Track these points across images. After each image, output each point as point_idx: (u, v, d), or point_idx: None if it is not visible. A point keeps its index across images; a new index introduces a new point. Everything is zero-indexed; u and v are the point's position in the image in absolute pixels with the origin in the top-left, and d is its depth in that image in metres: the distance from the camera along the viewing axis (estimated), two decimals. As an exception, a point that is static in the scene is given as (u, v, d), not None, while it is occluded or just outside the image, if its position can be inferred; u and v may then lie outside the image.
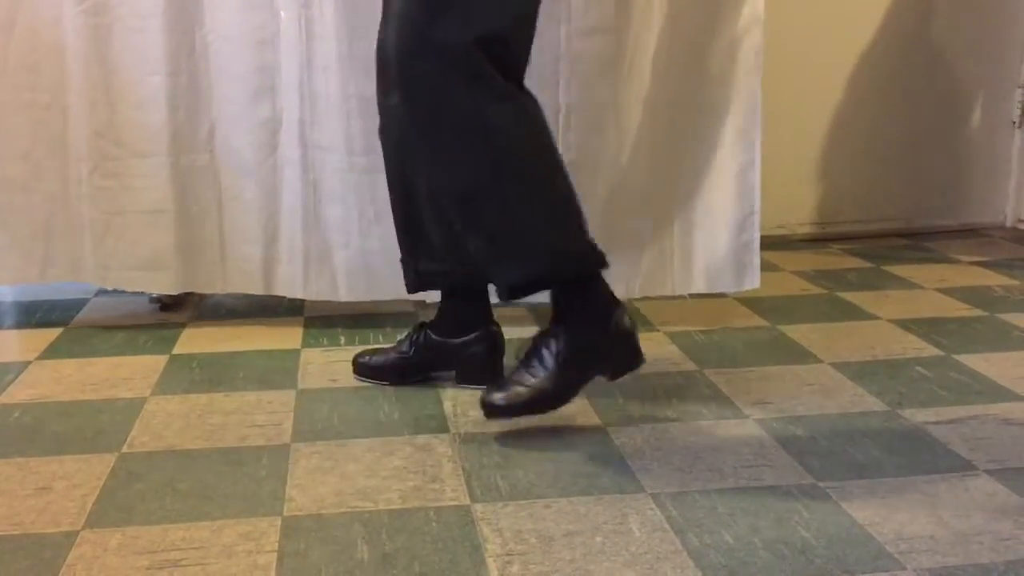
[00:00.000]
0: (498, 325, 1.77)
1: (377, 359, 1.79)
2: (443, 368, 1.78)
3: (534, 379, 1.52)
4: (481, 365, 1.74)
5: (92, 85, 1.96)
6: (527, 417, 1.54)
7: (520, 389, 1.52)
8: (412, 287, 1.77)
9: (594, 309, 1.56)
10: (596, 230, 2.01)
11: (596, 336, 1.55)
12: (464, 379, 1.76)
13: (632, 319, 1.59)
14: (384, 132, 1.69)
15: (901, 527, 1.29)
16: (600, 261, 1.54)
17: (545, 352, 1.53)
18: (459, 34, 1.41)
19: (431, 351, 1.77)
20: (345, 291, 2.07)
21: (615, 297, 1.58)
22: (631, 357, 1.59)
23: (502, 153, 1.48)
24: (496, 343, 1.76)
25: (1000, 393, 1.74)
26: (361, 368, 1.80)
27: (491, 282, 1.58)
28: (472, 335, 1.74)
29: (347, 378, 1.82)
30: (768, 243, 2.71)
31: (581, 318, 1.55)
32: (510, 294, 1.53)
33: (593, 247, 1.55)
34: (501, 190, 1.48)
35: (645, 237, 2.07)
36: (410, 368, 1.78)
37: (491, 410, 1.53)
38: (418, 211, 1.68)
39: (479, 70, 1.43)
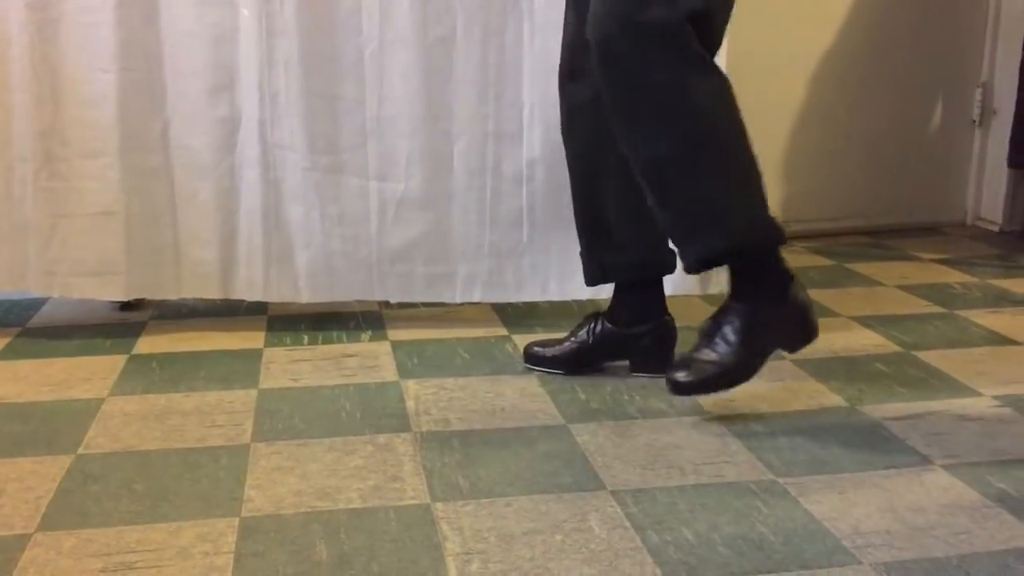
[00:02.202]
0: (671, 316, 1.80)
1: (552, 350, 1.82)
2: (618, 358, 1.81)
3: (716, 355, 1.55)
4: (655, 355, 1.77)
5: (38, 82, 1.90)
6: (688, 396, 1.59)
7: (705, 366, 1.55)
8: (593, 279, 1.80)
9: (772, 284, 1.59)
10: (561, 231, 2.04)
11: (774, 310, 1.58)
12: (638, 368, 1.80)
13: (807, 292, 1.62)
14: (569, 124, 1.73)
15: (858, 522, 1.30)
16: (780, 236, 1.57)
17: (727, 328, 1.56)
18: (669, 11, 1.44)
19: (607, 340, 1.79)
20: (307, 293, 2.04)
21: (790, 271, 1.61)
22: (809, 330, 1.62)
23: (701, 126, 1.51)
24: (670, 334, 1.80)
25: (957, 389, 1.76)
26: (534, 358, 1.83)
27: (680, 255, 1.60)
28: (647, 325, 1.78)
29: (309, 377, 1.81)
30: (732, 241, 2.73)
31: (760, 293, 1.58)
32: (698, 266, 1.57)
33: (774, 221, 1.57)
34: (697, 162, 1.51)
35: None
36: (586, 357, 1.81)
37: (677, 388, 1.56)
38: (602, 207, 1.73)
39: (686, 45, 1.47)
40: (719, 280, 2.07)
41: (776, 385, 1.77)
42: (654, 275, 1.78)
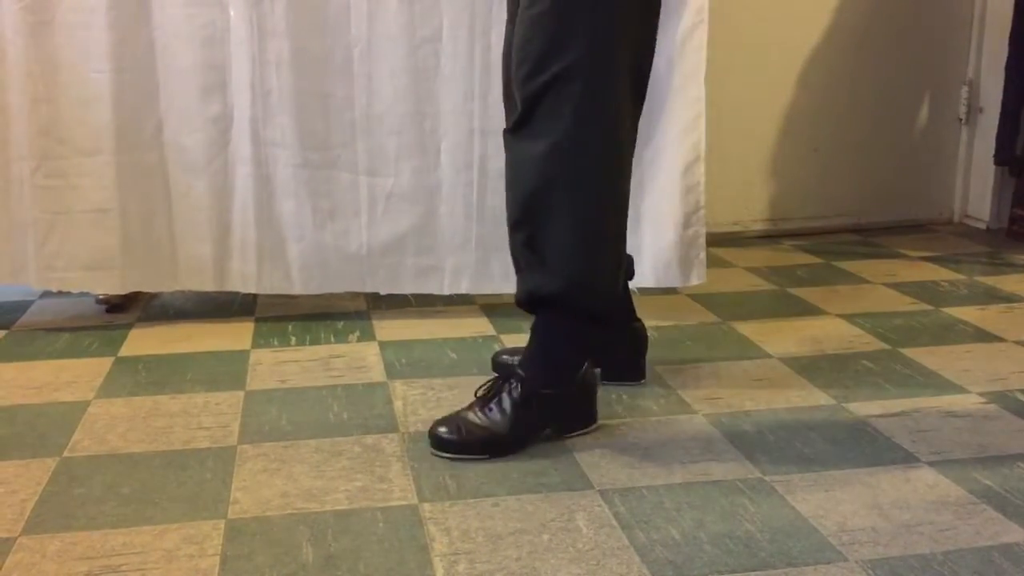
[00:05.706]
0: (641, 321, 1.76)
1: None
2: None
3: (488, 421, 1.50)
4: (626, 362, 1.74)
5: (34, 83, 1.92)
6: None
7: (472, 428, 1.49)
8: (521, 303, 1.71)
9: (565, 361, 1.54)
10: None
11: (558, 390, 1.53)
12: (610, 376, 1.74)
13: (596, 376, 1.60)
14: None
15: (844, 519, 1.30)
16: (607, 318, 1.55)
17: (504, 396, 1.51)
18: (616, 56, 1.43)
19: None
20: (300, 285, 2.07)
21: (588, 354, 1.56)
22: (587, 418, 1.58)
23: (601, 171, 1.47)
24: (641, 339, 1.76)
25: (943, 386, 1.76)
26: (503, 367, 1.73)
27: (518, 280, 1.55)
28: (617, 333, 1.72)
29: (297, 378, 1.80)
30: (722, 239, 2.74)
31: (549, 367, 1.53)
32: (522, 302, 1.54)
33: (612, 301, 1.55)
34: (580, 199, 1.46)
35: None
36: None
37: (437, 443, 1.50)
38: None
39: (626, 88, 1.46)
40: (699, 273, 2.07)
41: (763, 383, 1.78)
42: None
